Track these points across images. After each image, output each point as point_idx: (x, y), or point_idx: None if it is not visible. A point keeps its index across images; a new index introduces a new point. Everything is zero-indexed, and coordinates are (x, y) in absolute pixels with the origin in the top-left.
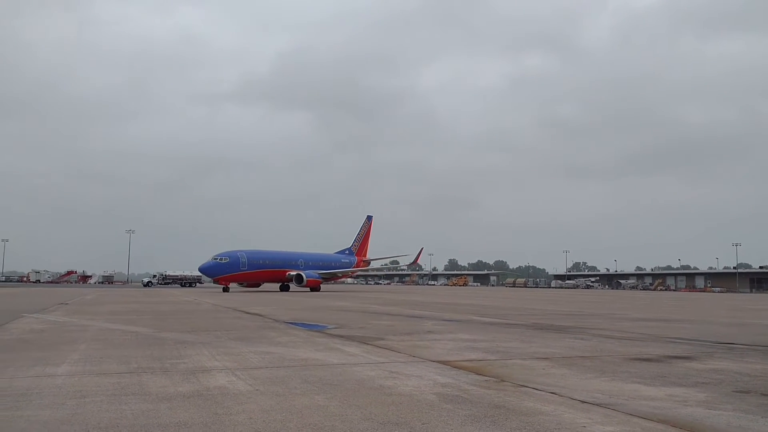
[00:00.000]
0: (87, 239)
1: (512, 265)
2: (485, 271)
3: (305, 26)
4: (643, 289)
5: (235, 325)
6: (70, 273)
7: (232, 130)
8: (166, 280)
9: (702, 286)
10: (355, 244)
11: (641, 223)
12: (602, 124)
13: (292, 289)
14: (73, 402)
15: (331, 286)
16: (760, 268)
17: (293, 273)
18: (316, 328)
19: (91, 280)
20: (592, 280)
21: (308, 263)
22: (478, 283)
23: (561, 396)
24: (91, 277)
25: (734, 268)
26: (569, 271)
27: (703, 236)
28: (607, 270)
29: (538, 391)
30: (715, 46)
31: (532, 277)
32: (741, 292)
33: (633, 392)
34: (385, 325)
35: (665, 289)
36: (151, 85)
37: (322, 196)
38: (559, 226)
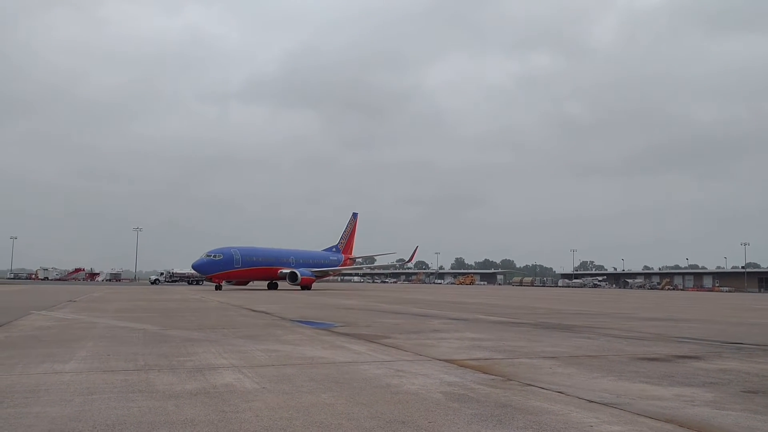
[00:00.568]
0: (95, 237)
1: (519, 264)
2: (492, 270)
3: (313, 25)
4: (651, 289)
5: (242, 323)
6: (78, 270)
7: (240, 129)
8: (173, 278)
9: (710, 286)
10: (342, 241)
11: (649, 222)
12: (609, 123)
13: (281, 288)
14: (81, 399)
15: (322, 284)
16: None
17: (286, 271)
18: (323, 326)
19: (99, 278)
20: (600, 279)
21: (299, 261)
22: (485, 282)
23: (568, 395)
24: (98, 274)
25: (743, 267)
26: (576, 270)
27: (711, 235)
28: (615, 269)
29: (544, 391)
30: (721, 44)
31: (539, 276)
32: (749, 292)
33: (640, 392)
34: (392, 323)
35: (673, 289)
36: (160, 85)
37: (329, 194)
38: (566, 224)
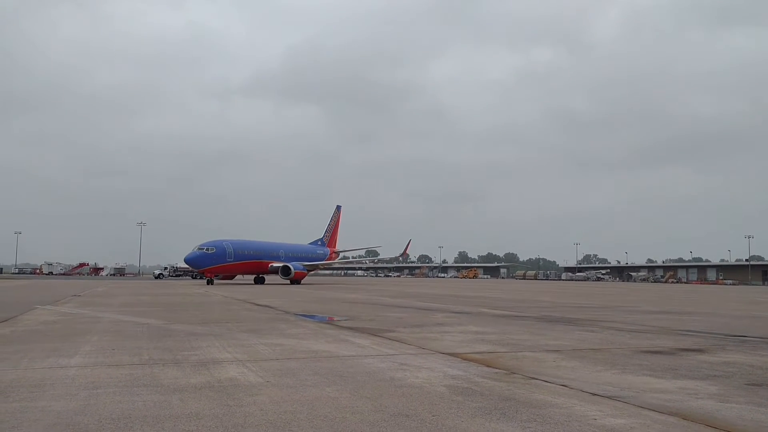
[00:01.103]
0: (99, 232)
1: (522, 258)
2: (495, 264)
3: (315, 21)
4: (654, 282)
5: (246, 317)
6: (82, 265)
7: (243, 124)
8: (177, 273)
9: (714, 279)
10: (327, 234)
11: (652, 216)
12: (612, 117)
13: (271, 282)
14: (86, 393)
15: (312, 278)
16: None
17: (278, 264)
18: (326, 320)
19: (103, 273)
20: (603, 272)
21: (288, 254)
22: (488, 276)
23: (571, 388)
24: (102, 269)
25: (746, 260)
26: (580, 264)
27: (714, 228)
28: (618, 262)
29: (548, 384)
30: (723, 38)
31: (543, 270)
32: (754, 285)
33: (644, 385)
34: (395, 317)
35: (676, 282)
36: (163, 81)
37: (331, 190)
38: (569, 218)
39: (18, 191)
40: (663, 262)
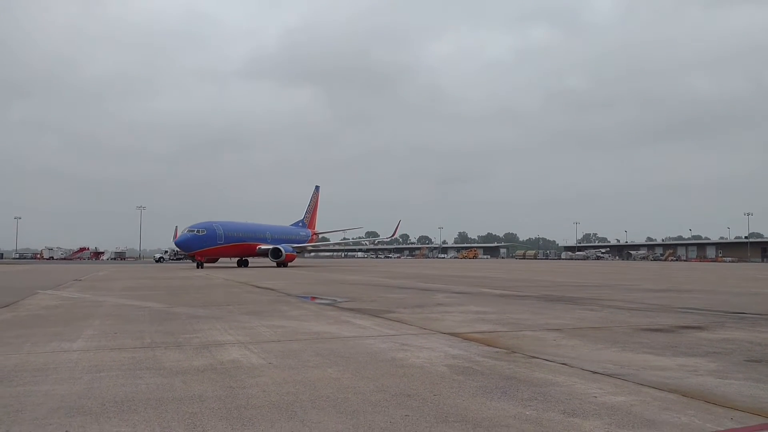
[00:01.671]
0: (99, 216)
1: (522, 237)
2: (495, 244)
3: (312, 2)
4: (654, 260)
5: (247, 300)
6: (82, 249)
7: (241, 106)
8: (178, 256)
9: (713, 256)
10: (307, 215)
11: (652, 194)
12: (610, 96)
13: (256, 264)
14: (89, 377)
15: (299, 260)
16: None
17: (267, 247)
18: (327, 301)
19: (104, 257)
20: (603, 251)
21: (275, 236)
22: (488, 256)
23: (572, 367)
24: (103, 253)
25: (746, 237)
26: (579, 243)
27: (714, 206)
28: (618, 241)
29: (549, 362)
30: (721, 15)
31: (543, 249)
32: (753, 262)
33: (643, 362)
34: (396, 298)
35: (676, 260)
36: (161, 63)
37: (330, 171)
38: (568, 197)
39: (17, 175)
40: (662, 241)
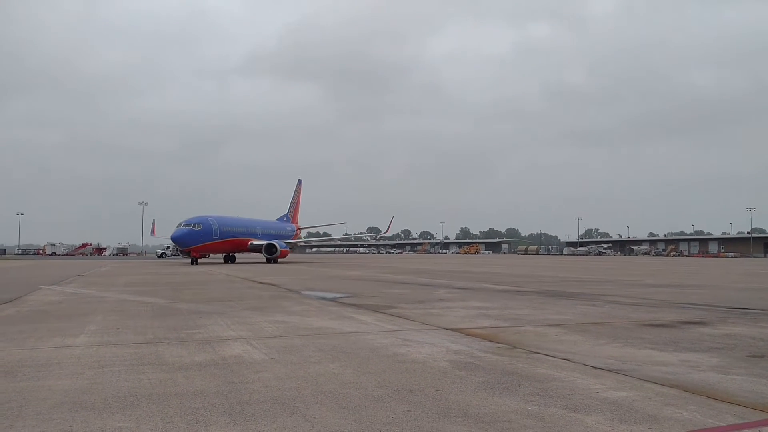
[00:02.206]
0: (101, 212)
1: (524, 233)
2: (497, 239)
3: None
4: (656, 255)
5: (249, 295)
6: (85, 245)
7: (242, 102)
8: (179, 252)
9: (715, 252)
10: (291, 210)
11: (654, 189)
12: (612, 91)
13: (240, 260)
14: (92, 372)
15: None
16: None
17: (260, 243)
18: (329, 297)
19: (106, 252)
20: (605, 246)
21: (264, 231)
22: (490, 251)
23: (574, 362)
24: (105, 249)
25: (748, 233)
26: (581, 238)
27: (716, 201)
28: (620, 236)
29: (550, 358)
30: (719, 10)
31: (544, 245)
32: (755, 257)
33: (646, 358)
34: (398, 293)
35: (678, 255)
36: (162, 60)
37: (332, 166)
38: (571, 192)
39: (19, 171)
40: (665, 236)
